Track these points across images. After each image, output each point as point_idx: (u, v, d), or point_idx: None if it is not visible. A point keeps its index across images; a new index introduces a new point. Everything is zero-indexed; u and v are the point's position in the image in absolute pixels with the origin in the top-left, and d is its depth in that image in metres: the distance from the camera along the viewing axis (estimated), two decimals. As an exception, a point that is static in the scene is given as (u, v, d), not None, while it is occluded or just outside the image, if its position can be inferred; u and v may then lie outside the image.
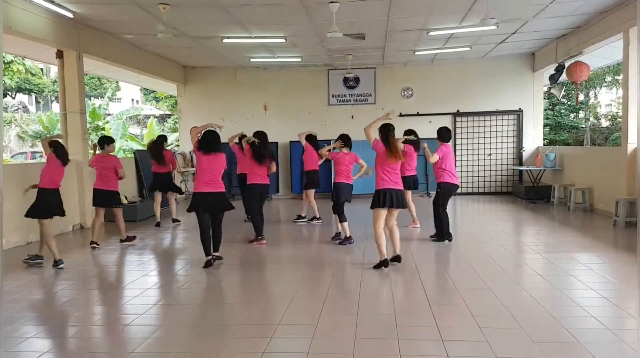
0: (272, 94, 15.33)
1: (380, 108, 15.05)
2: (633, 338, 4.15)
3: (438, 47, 12.68)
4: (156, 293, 5.88)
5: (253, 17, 9.58)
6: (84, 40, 10.11)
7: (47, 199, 6.83)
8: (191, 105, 15.58)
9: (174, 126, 30.26)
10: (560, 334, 4.26)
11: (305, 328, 4.51)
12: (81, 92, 10.25)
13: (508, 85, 14.64)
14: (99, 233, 8.42)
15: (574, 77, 11.12)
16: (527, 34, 11.60)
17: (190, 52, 13.08)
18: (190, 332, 4.48)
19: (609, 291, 5.54)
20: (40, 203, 6.83)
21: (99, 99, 32.46)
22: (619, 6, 9.34)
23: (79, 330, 4.70)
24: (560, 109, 25.00)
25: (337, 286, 5.96)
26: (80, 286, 6.09)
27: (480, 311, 4.84)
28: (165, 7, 8.56)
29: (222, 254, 7.12)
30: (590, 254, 7.18)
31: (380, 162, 6.44)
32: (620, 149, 9.85)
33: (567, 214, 10.91)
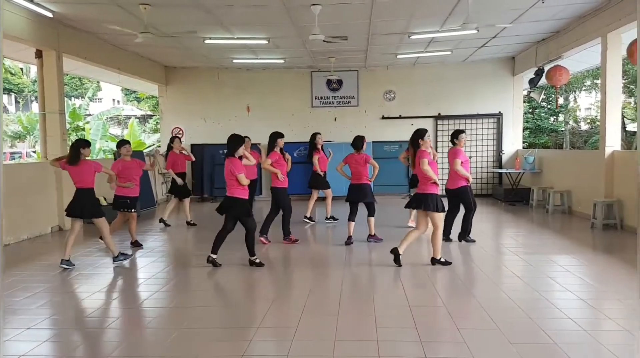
0: (255, 95, 15.29)
1: (363, 110, 15.14)
2: (609, 340, 4.23)
3: (419, 50, 12.77)
4: (135, 296, 5.82)
5: (235, 18, 9.55)
6: (63, 40, 9.99)
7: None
8: (173, 106, 15.47)
9: (155, 127, 30.05)
10: (537, 335, 4.31)
11: (285, 330, 4.51)
12: (60, 92, 10.13)
13: (488, 89, 14.79)
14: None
15: (553, 81, 11.27)
16: (507, 38, 11.74)
17: (172, 53, 13.00)
18: (168, 335, 4.45)
19: (586, 293, 5.62)
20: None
21: (79, 99, 32.10)
22: (598, 11, 9.49)
23: (56, 333, 4.64)
24: (540, 113, 25.34)
25: (319, 288, 5.96)
26: (58, 289, 6.01)
27: (458, 313, 4.88)
28: (146, 7, 8.49)
29: (199, 254, 7.08)
30: (568, 256, 7.27)
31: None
32: (599, 153, 9.99)
33: (545, 216, 11.04)
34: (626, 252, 7.65)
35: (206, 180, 14.96)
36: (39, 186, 9.47)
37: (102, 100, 41.35)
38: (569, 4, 9.18)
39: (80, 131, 22.56)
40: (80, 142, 7.03)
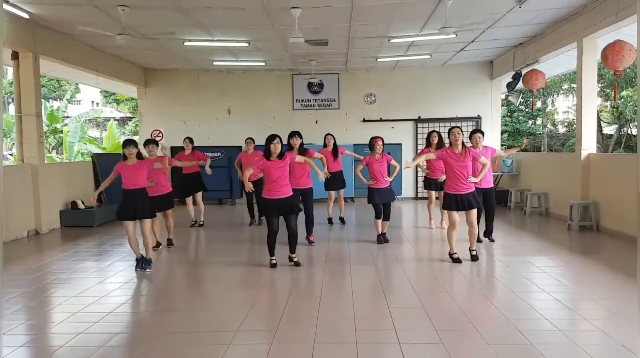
0: (236, 97, 15.23)
1: (345, 113, 15.18)
2: (584, 340, 4.29)
3: (399, 54, 12.85)
4: (112, 300, 5.75)
5: (215, 20, 9.51)
6: (40, 42, 9.86)
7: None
8: (152, 108, 15.32)
9: (134, 129, 29.77)
10: (514, 336, 4.36)
11: (264, 334, 4.50)
12: (37, 94, 9.99)
13: (467, 92, 14.94)
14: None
15: (530, 84, 11.42)
16: (485, 42, 11.87)
17: (151, 54, 12.89)
18: (144, 341, 4.41)
19: (563, 293, 5.69)
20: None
21: (57, 101, 31.67)
22: (573, 16, 9.65)
23: (32, 338, 4.57)
24: (518, 116, 25.66)
25: (299, 291, 5.96)
26: (34, 294, 5.91)
27: (436, 314, 4.92)
28: (125, 8, 8.42)
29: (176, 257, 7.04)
30: (545, 257, 7.37)
31: None
32: (575, 155, 10.14)
33: (523, 218, 11.18)
34: (602, 253, 7.78)
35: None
36: (15, 190, 9.32)
37: (81, 102, 40.80)
38: (546, 9, 9.32)
39: (58, 134, 22.29)
40: (125, 142, 7.00)
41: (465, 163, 6.79)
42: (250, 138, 10.40)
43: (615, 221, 8.77)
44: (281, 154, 6.80)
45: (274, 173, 6.72)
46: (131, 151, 6.76)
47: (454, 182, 6.88)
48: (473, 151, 6.91)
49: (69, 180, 11.14)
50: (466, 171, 6.81)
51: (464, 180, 6.81)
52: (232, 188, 14.63)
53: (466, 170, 6.80)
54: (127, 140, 7.03)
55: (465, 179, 6.82)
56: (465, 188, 6.84)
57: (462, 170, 6.80)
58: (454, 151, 6.85)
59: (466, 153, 6.81)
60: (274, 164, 6.75)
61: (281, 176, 6.74)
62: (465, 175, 6.81)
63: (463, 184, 6.83)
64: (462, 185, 6.83)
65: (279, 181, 6.73)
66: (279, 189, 6.74)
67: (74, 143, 20.18)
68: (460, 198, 6.85)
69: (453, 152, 6.86)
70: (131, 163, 6.76)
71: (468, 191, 6.86)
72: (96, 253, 8.17)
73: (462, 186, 6.83)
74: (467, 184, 6.84)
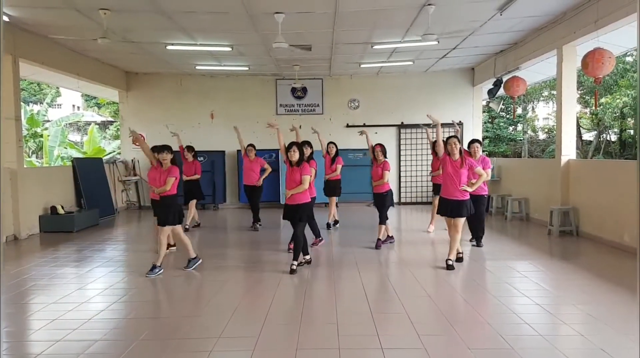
0: (219, 102, 15.18)
1: (328, 118, 15.20)
2: (565, 345, 4.33)
3: (382, 60, 12.92)
4: (91, 306, 5.68)
5: (198, 24, 9.47)
6: (20, 45, 9.73)
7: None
8: (134, 112, 15.19)
9: (116, 134, 29.49)
10: (495, 341, 4.39)
11: (246, 340, 4.47)
12: (16, 98, 9.85)
13: (449, 98, 15.07)
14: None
15: (511, 91, 11.55)
16: (467, 49, 11.99)
17: (133, 58, 12.79)
18: (124, 348, 4.35)
19: (544, 298, 5.75)
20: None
21: (37, 105, 31.24)
22: (553, 24, 9.79)
23: (10, 345, 4.49)
24: (499, 122, 25.93)
25: (281, 297, 5.93)
26: (12, 300, 5.81)
27: (419, 319, 4.94)
28: (106, 12, 8.35)
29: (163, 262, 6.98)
30: (526, 262, 7.44)
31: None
32: (555, 161, 10.27)
33: (504, 223, 11.28)
34: (581, 258, 7.87)
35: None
36: (-8, 194, 9.15)
37: (62, 106, 40.36)
38: (526, 17, 9.45)
39: (38, 138, 21.98)
40: (155, 148, 7.22)
41: (462, 170, 6.94)
42: (251, 145, 10.60)
43: (595, 226, 8.90)
44: (300, 161, 7.02)
45: (288, 179, 7.06)
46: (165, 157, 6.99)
47: (449, 187, 7.03)
48: (470, 161, 7.06)
49: (48, 185, 10.98)
50: (460, 178, 6.93)
51: (457, 187, 6.95)
52: (214, 193, 14.57)
53: (460, 178, 6.94)
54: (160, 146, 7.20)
55: (457, 186, 6.94)
56: (459, 194, 6.96)
57: (458, 177, 6.93)
58: (452, 159, 7.01)
59: (463, 161, 6.95)
60: (290, 171, 7.04)
61: (294, 183, 6.97)
62: (459, 183, 6.93)
63: (456, 191, 6.97)
64: (455, 191, 6.97)
65: (291, 187, 6.99)
66: (291, 196, 7.01)
67: (54, 147, 19.93)
68: (450, 203, 7.01)
69: (451, 160, 7.01)
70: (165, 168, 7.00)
71: (460, 198, 6.97)
72: (76, 258, 8.05)
73: (455, 192, 6.97)
74: (462, 192, 6.97)
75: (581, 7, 8.76)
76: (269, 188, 13.75)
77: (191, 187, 10.42)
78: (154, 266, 6.92)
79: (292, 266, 6.95)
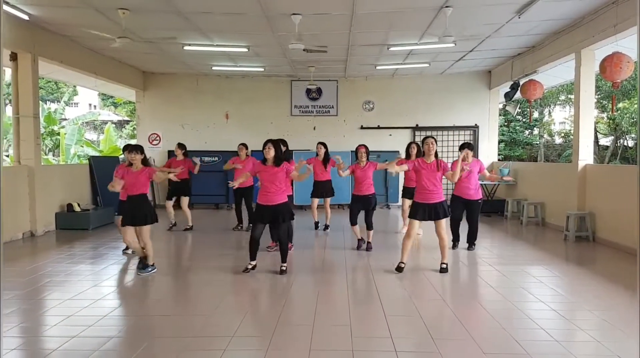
0: (234, 102, 15.25)
1: (342, 120, 15.20)
2: (580, 351, 4.28)
3: (398, 62, 12.89)
4: (106, 303, 5.72)
5: (214, 25, 9.52)
6: (39, 43, 9.85)
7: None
8: (150, 111, 15.32)
9: (132, 133, 29.74)
10: (510, 346, 4.35)
11: (259, 340, 4.47)
12: (35, 96, 9.96)
13: (465, 101, 14.99)
14: None
15: (528, 95, 11.46)
16: (484, 52, 11.93)
17: (150, 58, 12.90)
18: (138, 345, 4.37)
19: (559, 304, 5.68)
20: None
21: (55, 104, 31.61)
22: (572, 28, 9.70)
23: (26, 341, 4.54)
24: (515, 126, 25.74)
25: (294, 297, 5.94)
26: (29, 296, 5.87)
27: (433, 322, 4.91)
28: (125, 12, 8.42)
29: (172, 262, 7.00)
30: (542, 267, 7.37)
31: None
32: (572, 166, 10.17)
33: (520, 228, 11.19)
34: (598, 264, 7.79)
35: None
36: (11, 191, 9.28)
37: (79, 104, 40.80)
38: (544, 20, 9.37)
39: (55, 136, 22.20)
40: (125, 146, 7.14)
41: (436, 173, 6.81)
42: (243, 144, 10.37)
43: (612, 232, 8.79)
44: (278, 160, 6.75)
45: (263, 178, 6.75)
46: (134, 157, 6.79)
47: (423, 191, 6.89)
48: (443, 164, 6.90)
49: (65, 182, 11.10)
50: (436, 181, 6.82)
51: (434, 190, 6.82)
52: (228, 193, 14.61)
53: (436, 180, 6.82)
54: (131, 146, 7.06)
55: (435, 189, 6.82)
56: (434, 197, 6.83)
57: (432, 180, 6.81)
58: (426, 161, 6.87)
59: (438, 163, 6.82)
60: (265, 169, 6.74)
61: (270, 182, 6.69)
62: (435, 185, 6.82)
63: (432, 194, 6.83)
64: (431, 195, 6.83)
65: (267, 187, 6.71)
66: (266, 196, 6.72)
67: (70, 146, 20.14)
68: (427, 207, 6.85)
69: (425, 162, 6.88)
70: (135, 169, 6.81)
71: (437, 201, 6.84)
72: (91, 256, 8.12)
73: (431, 195, 6.83)
74: (436, 194, 6.83)
75: (600, 11, 8.67)
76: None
77: (180, 186, 10.23)
78: (145, 265, 6.91)
79: (281, 267, 6.89)
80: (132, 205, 6.82)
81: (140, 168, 6.81)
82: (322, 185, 10.15)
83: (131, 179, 6.76)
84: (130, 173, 6.78)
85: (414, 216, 6.91)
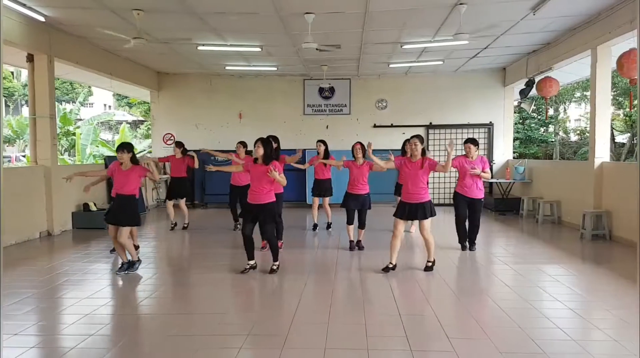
0: (247, 102, 15.29)
1: (355, 119, 15.17)
2: (598, 350, 4.24)
3: (412, 60, 12.84)
4: (123, 302, 5.77)
5: (228, 25, 9.56)
6: (55, 45, 9.95)
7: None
8: (165, 111, 15.43)
9: (146, 133, 29.94)
10: (526, 345, 4.32)
11: (275, 338, 4.48)
12: (51, 96, 10.07)
13: (479, 99, 14.89)
14: None
15: (543, 92, 11.37)
16: (499, 49, 11.83)
17: (165, 59, 12.99)
18: (156, 342, 4.41)
19: (576, 303, 5.64)
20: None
21: (70, 104, 31.94)
22: (588, 24, 9.60)
23: (44, 339, 4.60)
24: (530, 123, 25.50)
25: (308, 297, 5.95)
26: (46, 295, 5.95)
27: (448, 322, 4.89)
28: (139, 12, 8.49)
29: (189, 260, 7.04)
30: (558, 266, 7.31)
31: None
32: (588, 164, 10.07)
33: (535, 226, 11.10)
34: (614, 262, 7.71)
35: (197, 187, 14.90)
36: (28, 191, 9.40)
37: (94, 105, 41.21)
38: (560, 17, 9.28)
39: (70, 136, 22.45)
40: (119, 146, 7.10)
41: (420, 172, 6.69)
42: (241, 142, 9.98)
43: (628, 230, 8.69)
44: (268, 159, 6.63)
45: (252, 177, 6.72)
46: (121, 156, 6.83)
47: (406, 190, 6.81)
48: (430, 161, 6.74)
49: (81, 182, 11.15)
50: (420, 180, 6.71)
51: (416, 190, 6.71)
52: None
53: (420, 179, 6.70)
54: (120, 144, 7.11)
55: (417, 189, 6.71)
56: (416, 197, 6.72)
57: (416, 179, 6.71)
58: (411, 161, 6.78)
59: (423, 162, 6.70)
60: (254, 167, 6.69)
61: (258, 181, 6.62)
62: (418, 184, 6.71)
63: (414, 194, 6.73)
64: (413, 195, 6.74)
65: (255, 185, 6.66)
66: (253, 194, 6.67)
67: (86, 146, 20.35)
68: (410, 206, 6.76)
69: (410, 161, 6.79)
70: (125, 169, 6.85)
71: (420, 201, 6.73)
72: (107, 255, 8.19)
73: (413, 195, 6.74)
74: (420, 194, 6.72)
75: (616, 7, 8.56)
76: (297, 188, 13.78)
77: (178, 184, 10.33)
78: (131, 263, 6.92)
79: (272, 266, 6.86)
80: (119, 204, 6.89)
81: (129, 166, 6.86)
82: (323, 184, 10.16)
83: (120, 178, 6.84)
84: (120, 172, 6.85)
85: (397, 215, 6.86)
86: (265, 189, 6.63)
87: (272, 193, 6.73)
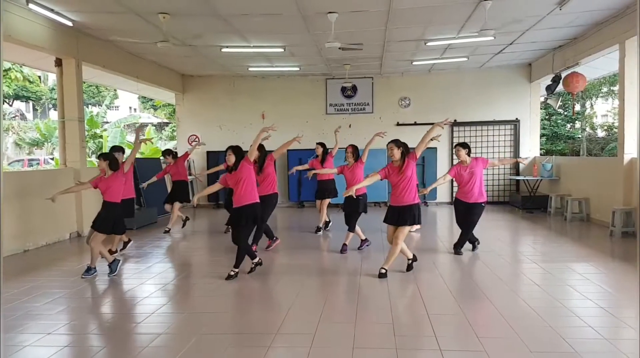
0: (270, 102, 15.38)
1: (378, 117, 15.14)
2: (630, 348, 4.17)
3: (435, 57, 12.76)
4: (153, 301, 5.86)
5: (252, 26, 9.62)
6: (83, 49, 10.14)
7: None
8: (189, 113, 15.62)
9: (171, 134, 30.29)
10: (557, 344, 4.27)
11: (303, 337, 4.51)
12: (79, 100, 10.27)
13: (505, 95, 14.72)
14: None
15: (570, 87, 11.19)
16: (524, 44, 11.69)
17: (189, 61, 13.13)
18: (187, 341, 4.47)
19: (606, 301, 5.55)
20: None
21: (96, 107, 32.49)
22: (615, 18, 9.43)
23: (76, 338, 4.69)
24: (556, 120, 25.13)
25: (335, 295, 5.96)
26: (77, 295, 6.07)
27: (478, 321, 4.86)
28: (165, 16, 8.60)
29: (214, 260, 7.11)
30: (587, 264, 7.20)
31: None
32: (617, 160, 9.89)
33: (564, 224, 10.94)
34: (646, 260, 7.55)
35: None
36: (58, 193, 9.58)
37: (119, 108, 41.82)
38: (586, 11, 9.13)
39: (98, 138, 22.85)
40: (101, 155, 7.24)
41: (404, 175, 6.56)
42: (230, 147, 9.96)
43: (661, 227, 8.51)
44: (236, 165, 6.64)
45: (231, 184, 6.70)
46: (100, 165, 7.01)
47: (394, 195, 6.71)
48: (408, 160, 6.57)
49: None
50: (406, 183, 6.57)
51: (404, 193, 6.58)
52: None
53: (406, 182, 6.57)
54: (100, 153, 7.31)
55: (400, 193, 6.60)
56: (404, 200, 6.59)
57: (401, 183, 6.58)
58: (393, 165, 6.69)
59: (402, 164, 6.58)
60: (230, 176, 6.69)
61: (236, 184, 6.61)
62: (402, 188, 6.58)
63: (398, 198, 6.63)
64: (397, 198, 6.65)
65: (235, 190, 6.64)
66: (237, 198, 6.65)
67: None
68: (394, 210, 6.68)
69: (392, 166, 6.69)
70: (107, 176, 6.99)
71: (404, 204, 6.60)
72: (137, 255, 8.33)
73: (397, 199, 6.64)
74: (404, 197, 6.59)
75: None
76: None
77: (176, 187, 10.39)
78: (88, 268, 6.95)
79: (230, 272, 6.73)
80: (103, 211, 7.02)
81: (110, 174, 6.97)
82: (324, 185, 10.16)
83: (103, 186, 6.97)
84: (102, 180, 6.98)
85: (386, 220, 6.80)
86: (243, 191, 6.60)
87: (253, 193, 6.68)
